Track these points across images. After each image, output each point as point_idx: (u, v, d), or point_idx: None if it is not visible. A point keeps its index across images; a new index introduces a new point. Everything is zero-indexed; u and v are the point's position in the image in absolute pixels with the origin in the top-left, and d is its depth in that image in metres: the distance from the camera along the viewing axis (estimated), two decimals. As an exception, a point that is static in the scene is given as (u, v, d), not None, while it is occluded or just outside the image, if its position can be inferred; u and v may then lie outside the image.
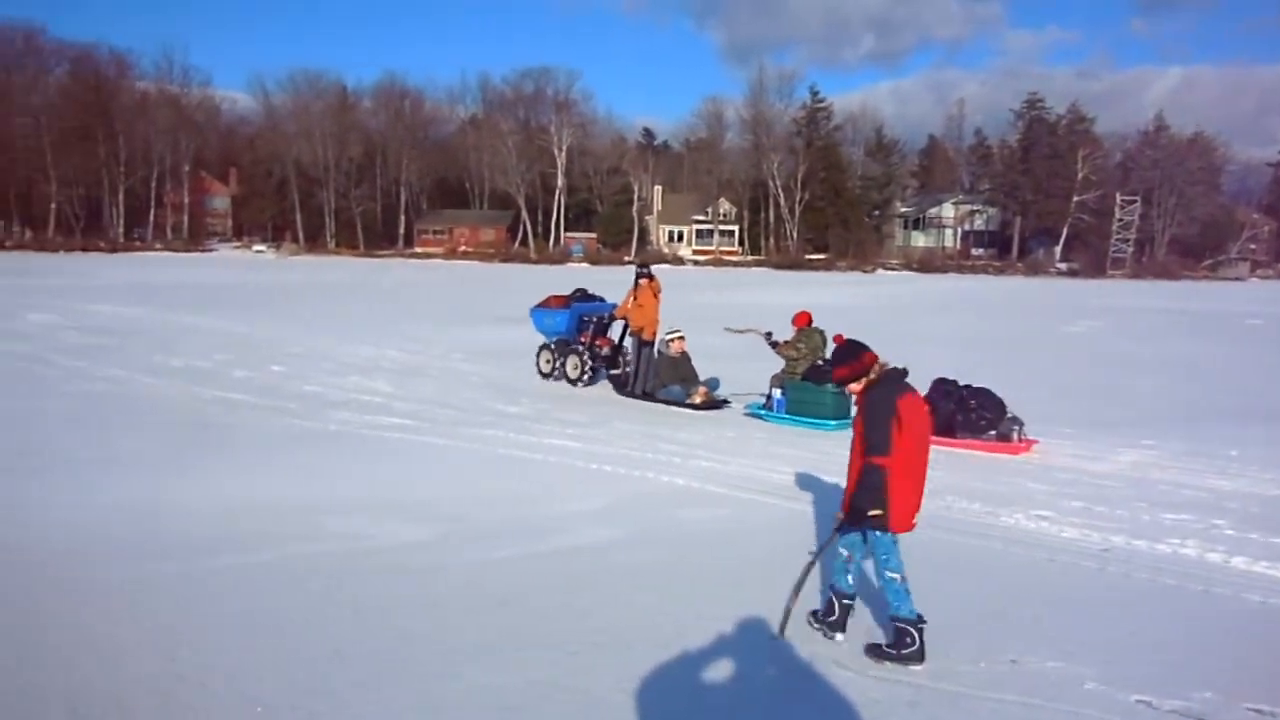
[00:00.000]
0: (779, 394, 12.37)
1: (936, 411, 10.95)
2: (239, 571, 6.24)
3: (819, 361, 11.94)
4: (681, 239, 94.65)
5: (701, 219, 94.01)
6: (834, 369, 5.42)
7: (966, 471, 9.54)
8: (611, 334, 15.20)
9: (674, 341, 13.65)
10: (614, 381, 14.67)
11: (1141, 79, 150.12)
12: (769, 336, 12.87)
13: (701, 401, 13.09)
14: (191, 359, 16.59)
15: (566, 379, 14.96)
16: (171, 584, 5.96)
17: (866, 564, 5.57)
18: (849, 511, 5.06)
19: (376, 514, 7.67)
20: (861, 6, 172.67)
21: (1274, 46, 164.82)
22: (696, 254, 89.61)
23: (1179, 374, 18.26)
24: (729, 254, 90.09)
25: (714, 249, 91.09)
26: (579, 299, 15.68)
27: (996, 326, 29.51)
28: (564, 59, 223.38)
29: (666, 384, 13.51)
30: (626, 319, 14.33)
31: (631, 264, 15.96)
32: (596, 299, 15.85)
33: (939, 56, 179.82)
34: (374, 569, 6.35)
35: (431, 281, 50.00)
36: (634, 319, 14.09)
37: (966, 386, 11.25)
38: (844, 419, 11.14)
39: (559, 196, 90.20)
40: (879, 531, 5.06)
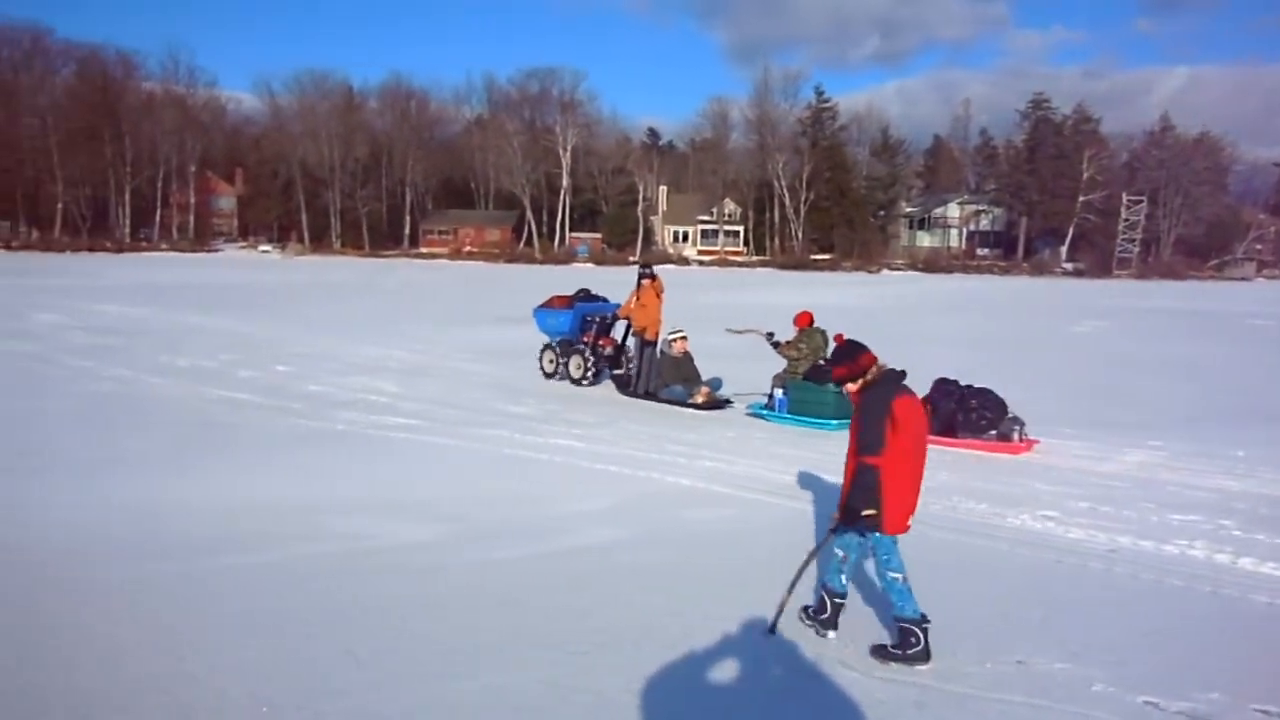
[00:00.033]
0: (781, 394, 12.41)
1: (938, 411, 11.00)
2: (245, 571, 6.25)
3: (820, 361, 11.94)
4: (686, 239, 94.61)
5: (706, 219, 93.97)
6: (832, 368, 5.45)
7: (973, 472, 9.53)
8: (615, 334, 15.24)
9: (676, 341, 13.69)
10: (617, 381, 14.69)
11: (1147, 79, 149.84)
12: (770, 337, 12.89)
13: (704, 401, 13.11)
14: (197, 359, 16.63)
15: (570, 379, 15.01)
16: (177, 584, 5.97)
17: (867, 564, 5.57)
18: (843, 511, 5.09)
19: (382, 514, 7.68)
20: (866, 6, 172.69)
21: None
22: (701, 254, 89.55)
23: (1185, 374, 18.22)
24: (734, 254, 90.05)
25: (719, 249, 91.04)
26: (582, 299, 15.75)
27: (1002, 327, 29.46)
28: (569, 59, 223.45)
29: (669, 384, 13.55)
30: (629, 319, 14.37)
31: (636, 264, 16.00)
32: (599, 299, 15.90)
33: (944, 56, 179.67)
34: (380, 569, 6.35)
35: (437, 281, 50.06)
36: (637, 319, 14.13)
37: (968, 386, 11.27)
38: (845, 419, 11.07)
39: (564, 197, 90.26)
40: (875, 532, 5.08)
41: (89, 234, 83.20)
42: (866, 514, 4.96)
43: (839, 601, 5.38)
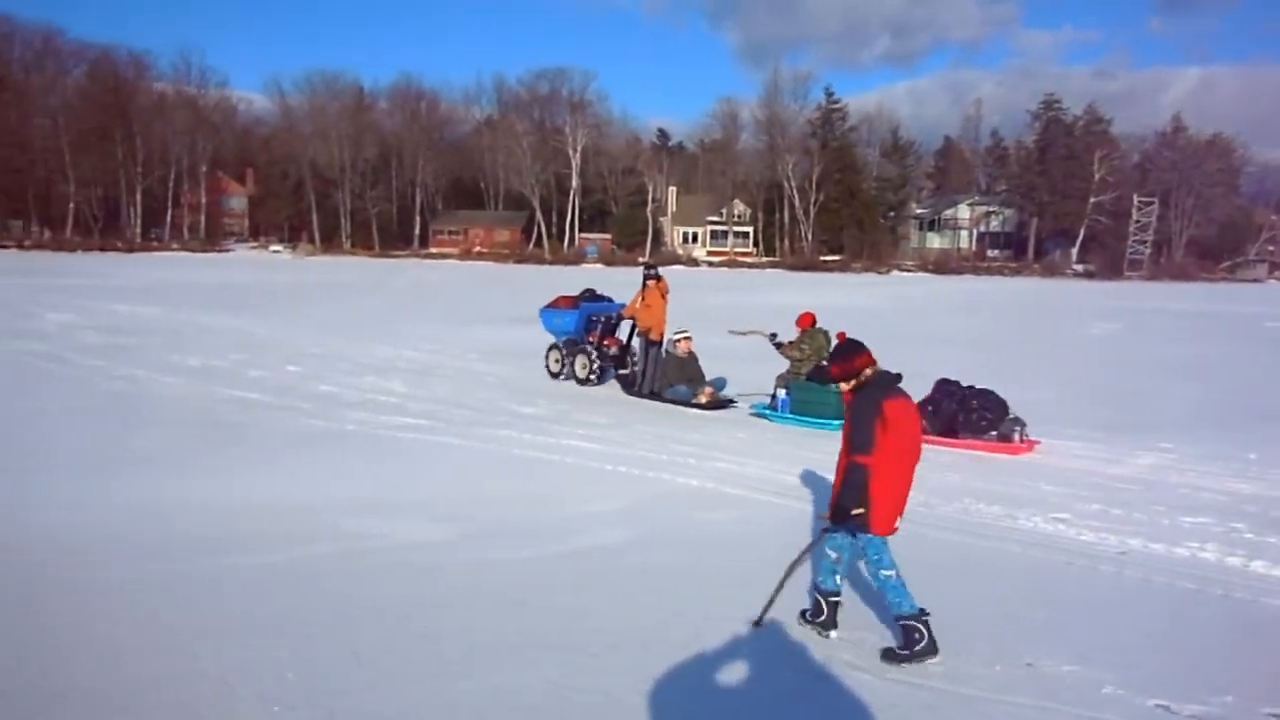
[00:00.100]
0: (784, 394, 12.46)
1: (939, 412, 11.02)
2: (254, 571, 6.26)
3: (823, 362, 11.96)
4: (696, 240, 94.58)
5: (716, 220, 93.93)
6: (830, 366, 5.50)
7: (984, 474, 9.51)
8: (620, 334, 15.31)
9: (681, 341, 13.78)
10: (622, 381, 14.79)
11: (1159, 79, 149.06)
12: (773, 338, 12.91)
13: (707, 401, 13.16)
14: (208, 359, 16.69)
15: (575, 378, 15.10)
16: (180, 584, 5.98)
17: (861, 565, 5.58)
18: (834, 510, 5.16)
19: (391, 514, 7.69)
20: (877, 7, 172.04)
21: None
22: (711, 255, 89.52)
23: (1196, 377, 18.13)
24: (743, 255, 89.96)
25: (728, 250, 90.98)
26: (588, 299, 15.85)
27: (1013, 328, 29.39)
28: (579, 60, 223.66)
29: (673, 384, 13.61)
30: (634, 319, 14.45)
31: (642, 264, 16.07)
32: (605, 299, 16.00)
33: (955, 57, 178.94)
34: (386, 569, 6.36)
35: (446, 282, 50.11)
36: (642, 319, 14.21)
37: (969, 387, 11.29)
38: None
39: (574, 197, 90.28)
40: (864, 532, 5.12)
41: (100, 234, 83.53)
42: (856, 513, 5.02)
43: (835, 601, 5.41)
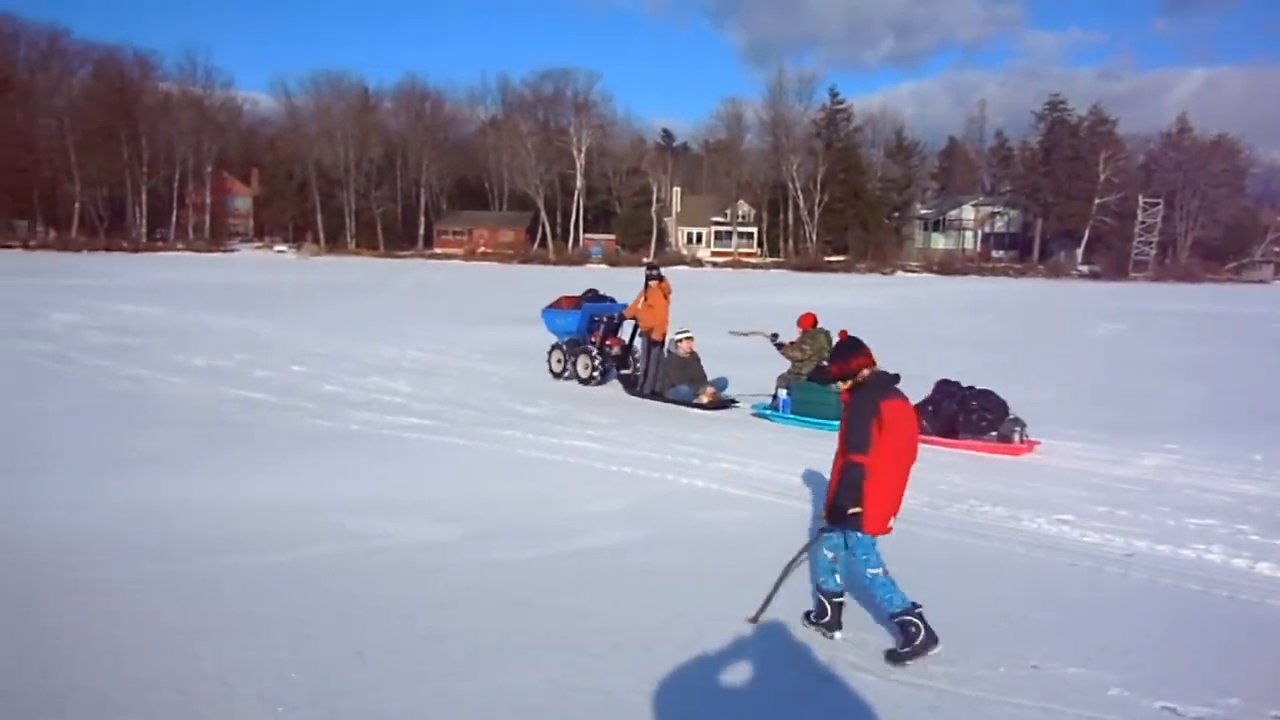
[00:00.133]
0: (785, 394, 12.49)
1: (939, 412, 11.03)
2: (257, 571, 6.26)
3: (823, 363, 11.97)
4: (700, 240, 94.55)
5: (720, 220, 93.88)
6: (830, 365, 5.54)
7: (988, 475, 9.49)
8: (622, 334, 15.34)
9: (683, 342, 13.83)
10: (624, 381, 14.82)
11: (1164, 80, 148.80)
12: (774, 338, 12.93)
13: (709, 401, 13.19)
14: (213, 359, 16.70)
15: (577, 378, 15.14)
16: (190, 583, 5.98)
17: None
18: (831, 510, 5.16)
19: (395, 514, 7.70)
20: (881, 8, 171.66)
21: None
22: (715, 255, 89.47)
23: (1202, 377, 18.09)
24: (748, 256, 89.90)
25: (733, 251, 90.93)
26: (590, 299, 15.89)
27: (1017, 329, 29.35)
28: (584, 60, 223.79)
29: (675, 384, 13.65)
30: (637, 319, 14.48)
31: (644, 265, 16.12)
32: (607, 299, 16.04)
33: (960, 57, 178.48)
34: (392, 569, 6.36)
35: (451, 282, 50.14)
36: (644, 319, 14.24)
37: (969, 388, 11.30)
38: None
39: (578, 198, 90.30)
40: (856, 532, 5.14)
41: (105, 234, 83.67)
42: (853, 512, 5.04)
43: (838, 601, 5.41)
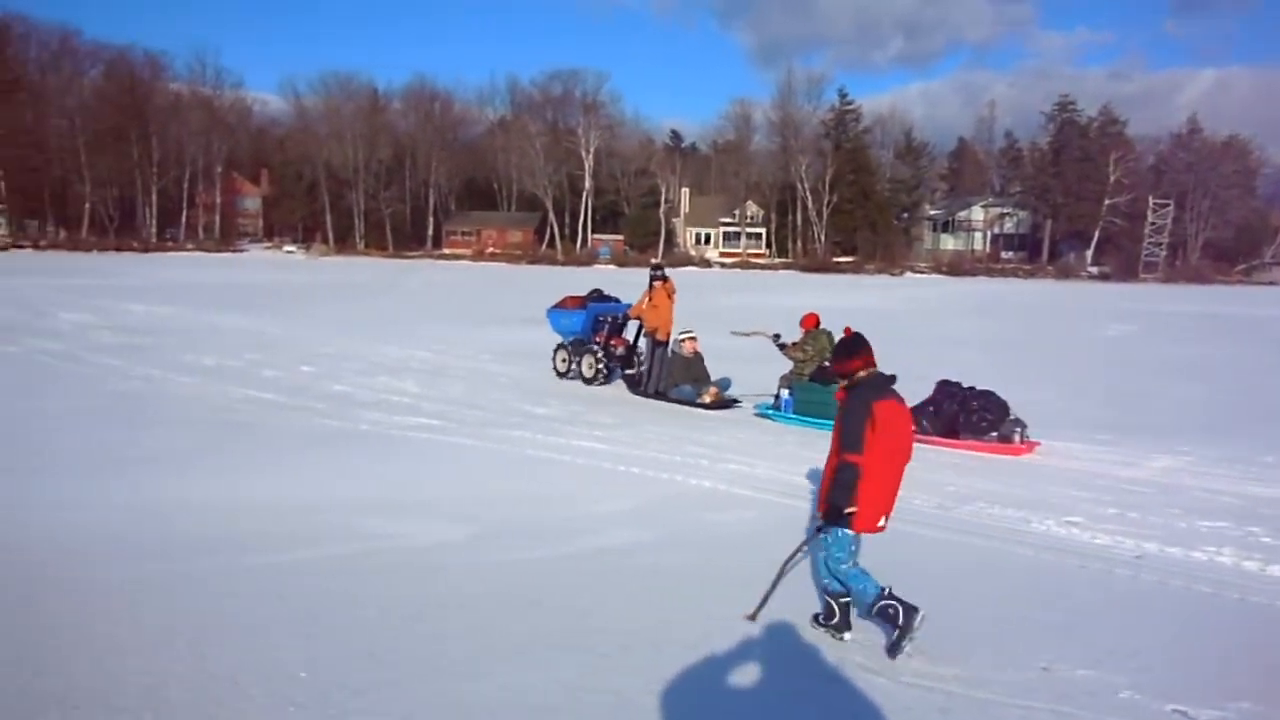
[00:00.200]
0: (787, 394, 12.53)
1: (940, 413, 11.02)
2: (268, 571, 6.28)
3: (825, 363, 11.99)
4: (709, 241, 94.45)
5: (729, 221, 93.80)
6: (832, 363, 5.59)
7: (998, 477, 9.47)
8: (627, 334, 15.40)
9: (686, 342, 13.91)
10: (628, 381, 14.87)
11: (1175, 81, 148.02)
12: (777, 338, 12.96)
13: (712, 401, 13.24)
14: (223, 358, 16.75)
15: (582, 378, 15.21)
16: (191, 583, 5.98)
17: (862, 561, 5.56)
18: (827, 510, 5.18)
19: (404, 514, 7.71)
20: (890, 8, 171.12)
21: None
22: (724, 256, 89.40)
23: (1212, 379, 18.03)
24: (756, 256, 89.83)
25: (741, 251, 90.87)
26: (595, 299, 15.96)
27: (1027, 330, 29.27)
28: (592, 61, 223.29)
29: (678, 383, 13.70)
30: (641, 319, 14.52)
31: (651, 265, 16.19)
32: (612, 300, 16.11)
33: (969, 58, 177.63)
34: (402, 569, 6.37)
35: (459, 283, 50.19)
36: (648, 319, 14.31)
37: (970, 388, 11.29)
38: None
39: (586, 198, 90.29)
40: (843, 530, 5.18)
41: (116, 234, 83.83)
42: (849, 511, 5.07)
43: (845, 601, 5.41)
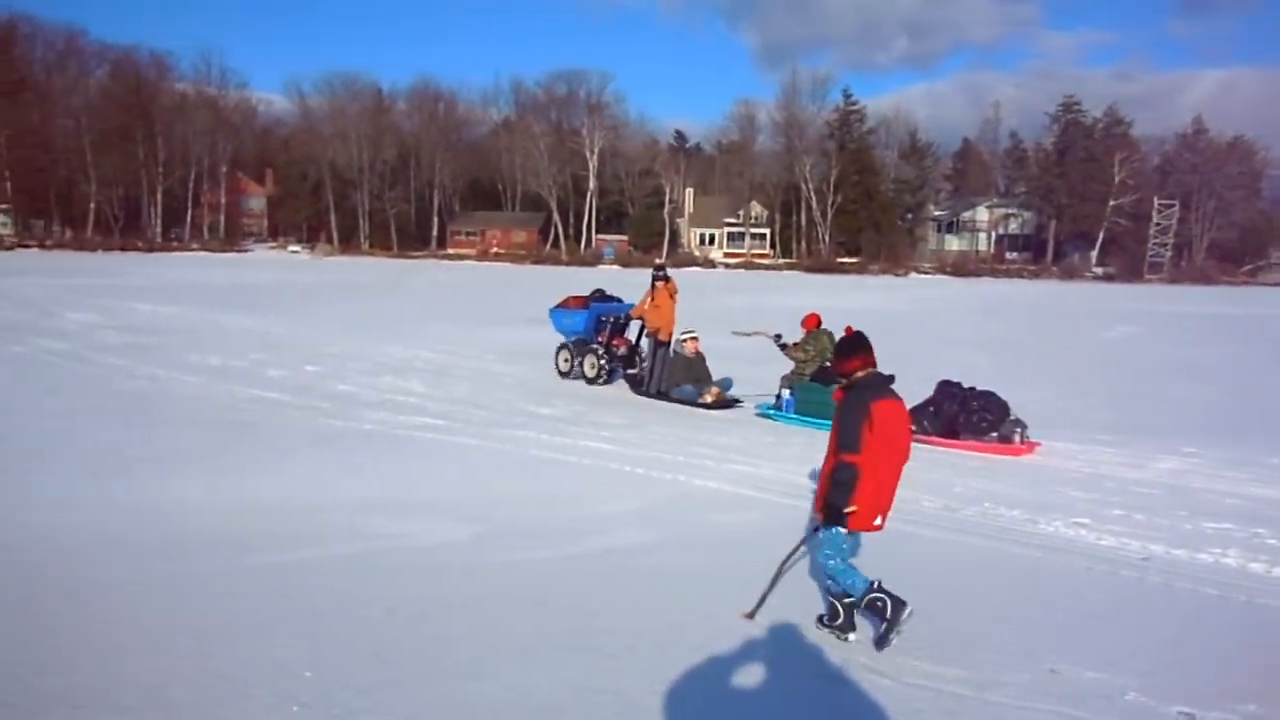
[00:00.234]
0: (788, 394, 12.55)
1: (940, 413, 11.02)
2: (272, 570, 6.28)
3: (826, 363, 12.00)
4: (713, 242, 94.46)
5: (733, 221, 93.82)
6: (833, 361, 5.63)
7: (1003, 478, 9.45)
8: (629, 334, 15.43)
9: (688, 342, 13.96)
10: (630, 381, 14.89)
11: (1180, 81, 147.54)
12: (778, 339, 12.98)
13: (713, 401, 13.26)
14: (228, 358, 16.77)
15: (584, 378, 15.23)
16: (192, 583, 5.97)
17: (858, 560, 5.56)
18: (825, 510, 5.19)
19: (409, 514, 7.71)
20: (895, 8, 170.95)
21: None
22: (728, 257, 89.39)
23: (1218, 380, 17.99)
24: (760, 257, 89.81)
25: (745, 252, 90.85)
26: (597, 299, 15.99)
27: (1032, 331, 29.22)
28: (596, 61, 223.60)
29: (680, 383, 13.73)
30: (643, 319, 14.54)
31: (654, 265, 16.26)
32: (614, 299, 16.14)
33: (974, 59, 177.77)
34: (407, 569, 6.37)
35: (464, 283, 50.22)
36: (650, 319, 14.33)
37: (970, 389, 11.29)
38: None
39: (590, 198, 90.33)
40: (839, 528, 5.19)
41: (121, 233, 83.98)
42: (848, 511, 5.08)
43: (848, 602, 5.39)
